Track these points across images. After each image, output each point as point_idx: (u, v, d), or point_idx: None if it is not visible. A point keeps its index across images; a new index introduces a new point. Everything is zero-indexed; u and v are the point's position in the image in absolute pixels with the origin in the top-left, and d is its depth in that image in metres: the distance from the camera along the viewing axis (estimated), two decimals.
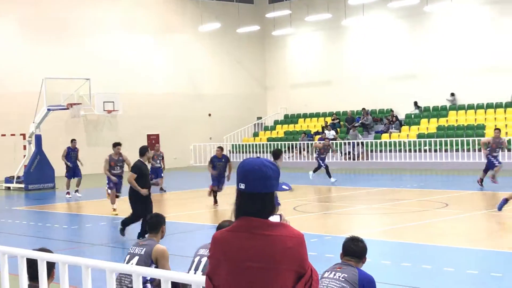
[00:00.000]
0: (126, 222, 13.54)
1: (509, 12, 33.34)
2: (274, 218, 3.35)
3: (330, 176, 24.78)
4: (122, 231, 13.51)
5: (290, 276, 3.22)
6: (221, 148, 19.45)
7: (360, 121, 37.72)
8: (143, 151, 13.66)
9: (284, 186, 3.46)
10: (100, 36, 36.47)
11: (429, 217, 15.89)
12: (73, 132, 33.19)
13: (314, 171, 25.98)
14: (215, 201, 18.88)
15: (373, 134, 36.49)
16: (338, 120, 38.84)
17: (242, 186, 3.32)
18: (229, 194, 20.99)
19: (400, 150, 32.70)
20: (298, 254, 3.24)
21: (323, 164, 25.39)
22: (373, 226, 15.00)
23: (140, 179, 13.22)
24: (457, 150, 31.00)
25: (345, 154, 34.63)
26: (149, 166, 23.45)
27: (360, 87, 38.83)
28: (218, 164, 18.90)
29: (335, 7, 38.72)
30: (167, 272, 4.92)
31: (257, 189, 3.30)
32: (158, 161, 23.22)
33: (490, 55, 33.72)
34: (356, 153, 34.27)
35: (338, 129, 37.76)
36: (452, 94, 35.58)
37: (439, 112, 35.75)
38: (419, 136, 33.63)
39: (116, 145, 18.53)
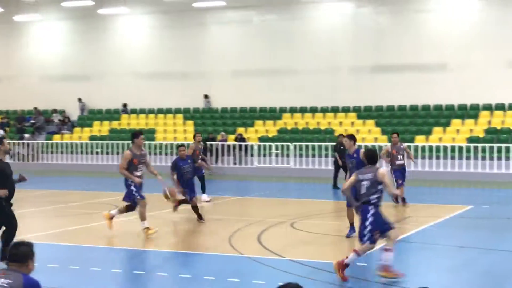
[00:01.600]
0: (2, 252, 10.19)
1: (175, 24, 35.20)
2: None
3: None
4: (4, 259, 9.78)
5: None
6: (184, 147, 15.30)
7: (31, 121, 36.60)
8: None
9: None
10: None
11: (97, 219, 16.15)
12: None
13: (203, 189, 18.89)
14: (200, 216, 14.78)
15: (45, 135, 35.69)
16: (7, 120, 37.16)
17: None
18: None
19: (72, 152, 32.54)
20: None
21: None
22: (43, 229, 14.78)
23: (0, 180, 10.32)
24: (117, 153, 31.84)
25: (14, 154, 33.32)
26: None
27: (33, 86, 37.69)
28: (184, 169, 14.80)
29: (6, 1, 37.01)
30: None
31: None
32: None
33: (162, 63, 35.33)
34: (26, 154, 33.19)
35: (7, 129, 36.16)
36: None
37: (112, 115, 36.34)
38: (92, 138, 33.79)
39: (139, 134, 13.19)
